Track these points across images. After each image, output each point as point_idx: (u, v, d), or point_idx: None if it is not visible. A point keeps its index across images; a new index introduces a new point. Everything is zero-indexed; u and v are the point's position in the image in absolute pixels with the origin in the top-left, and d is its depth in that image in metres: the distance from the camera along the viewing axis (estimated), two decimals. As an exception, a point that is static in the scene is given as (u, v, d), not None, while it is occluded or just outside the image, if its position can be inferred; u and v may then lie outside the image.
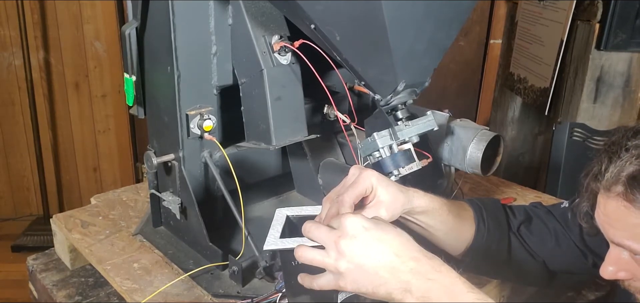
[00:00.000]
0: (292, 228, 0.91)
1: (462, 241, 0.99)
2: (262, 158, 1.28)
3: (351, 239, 0.75)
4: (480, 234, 0.99)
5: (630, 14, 1.90)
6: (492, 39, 3.15)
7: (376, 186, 0.86)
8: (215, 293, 1.04)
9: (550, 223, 1.05)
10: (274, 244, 0.86)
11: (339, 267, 0.75)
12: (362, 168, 0.88)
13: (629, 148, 0.77)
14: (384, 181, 0.87)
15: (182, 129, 1.10)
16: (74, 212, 1.33)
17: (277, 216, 0.93)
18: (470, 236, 0.99)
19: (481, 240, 0.99)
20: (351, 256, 0.75)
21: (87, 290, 1.16)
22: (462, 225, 0.98)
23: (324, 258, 0.76)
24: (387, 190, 0.86)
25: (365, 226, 0.76)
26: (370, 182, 0.86)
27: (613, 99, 2.02)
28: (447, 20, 0.94)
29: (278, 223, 0.91)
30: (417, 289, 0.73)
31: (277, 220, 0.92)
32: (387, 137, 0.96)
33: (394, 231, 0.77)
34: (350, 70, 0.97)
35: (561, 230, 1.04)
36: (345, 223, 0.76)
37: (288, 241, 0.86)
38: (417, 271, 0.74)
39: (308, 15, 0.88)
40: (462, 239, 0.99)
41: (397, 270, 0.74)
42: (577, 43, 2.05)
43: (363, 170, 0.87)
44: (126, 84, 1.15)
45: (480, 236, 0.99)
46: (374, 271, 0.74)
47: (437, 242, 0.97)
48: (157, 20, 1.07)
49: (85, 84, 3.17)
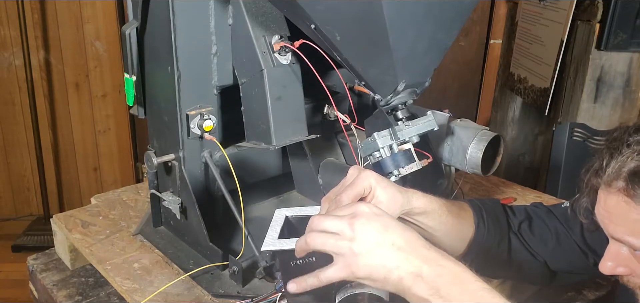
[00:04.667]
0: (291, 228, 0.91)
1: (462, 242, 0.99)
2: (262, 158, 1.28)
3: (367, 219, 0.75)
4: (480, 234, 0.99)
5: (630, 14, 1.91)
6: (493, 39, 3.14)
7: (374, 186, 0.86)
8: (215, 293, 1.04)
9: (551, 223, 1.05)
10: (272, 244, 0.85)
11: (354, 247, 0.74)
12: (361, 168, 0.88)
13: (630, 143, 0.77)
14: (382, 181, 0.87)
15: (182, 129, 1.10)
16: (74, 212, 1.33)
17: (276, 216, 0.93)
18: (470, 236, 0.99)
19: (481, 239, 0.99)
20: (367, 236, 0.74)
21: (87, 290, 1.16)
22: (462, 225, 0.98)
23: (337, 241, 0.75)
24: (386, 190, 0.86)
25: (377, 212, 0.76)
26: (369, 183, 0.85)
27: (613, 99, 2.02)
28: (448, 21, 0.94)
29: (277, 223, 0.91)
30: (427, 274, 0.73)
31: (276, 220, 0.92)
32: (387, 137, 0.96)
33: (400, 222, 0.78)
34: (350, 70, 0.97)
35: (562, 230, 1.04)
36: (359, 207, 0.77)
37: (286, 241, 0.85)
38: (428, 257, 0.74)
39: (308, 15, 0.88)
40: (462, 239, 0.99)
41: (410, 254, 0.74)
42: (577, 43, 2.05)
43: (362, 171, 0.87)
44: (126, 84, 1.15)
45: (480, 236, 0.99)
46: (389, 253, 0.73)
47: (437, 243, 0.96)
48: (158, 20, 1.07)
49: (86, 84, 3.17)
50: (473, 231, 0.99)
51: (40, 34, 3.02)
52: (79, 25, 3.06)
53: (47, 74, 3.10)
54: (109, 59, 3.14)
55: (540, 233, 1.04)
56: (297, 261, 0.83)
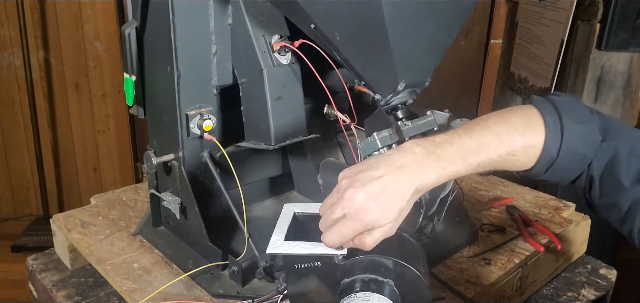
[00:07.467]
0: (299, 227, 0.88)
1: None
2: (262, 158, 1.28)
3: (351, 180, 0.75)
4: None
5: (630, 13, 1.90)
6: (493, 38, 3.14)
7: None
8: (215, 293, 1.04)
9: None
10: (277, 248, 0.81)
11: (357, 206, 0.73)
12: None
13: None
14: None
15: (182, 129, 1.10)
16: (73, 212, 1.33)
17: (284, 213, 0.89)
18: None
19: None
20: (360, 186, 0.74)
21: (87, 290, 1.16)
22: None
23: (346, 220, 0.74)
24: None
25: (354, 171, 0.77)
26: None
27: (614, 99, 2.02)
28: (448, 20, 0.94)
29: (284, 221, 0.87)
30: (436, 151, 0.75)
31: (283, 217, 0.88)
32: (387, 137, 0.95)
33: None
34: (350, 70, 0.96)
35: None
36: (339, 180, 0.77)
37: (293, 245, 0.81)
38: (422, 144, 0.76)
39: (308, 15, 0.88)
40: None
41: (410, 156, 0.75)
42: (577, 43, 2.05)
43: None
44: (126, 84, 1.15)
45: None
46: (387, 177, 0.74)
47: None
48: (157, 20, 1.07)
49: (85, 84, 3.17)
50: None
51: (40, 33, 3.02)
52: (78, 25, 3.06)
53: (46, 74, 3.10)
54: (108, 59, 3.14)
55: None
56: (302, 265, 0.81)
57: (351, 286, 0.78)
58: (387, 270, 0.78)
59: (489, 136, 0.78)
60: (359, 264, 0.79)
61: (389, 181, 0.74)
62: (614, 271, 1.30)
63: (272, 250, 0.81)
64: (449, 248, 1.18)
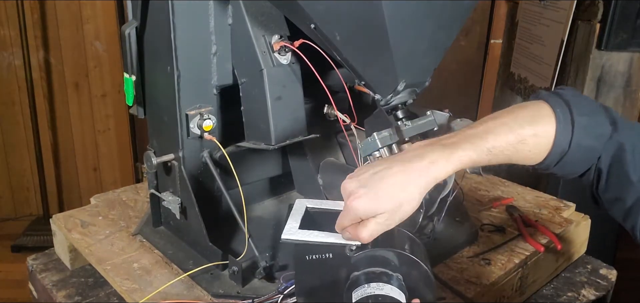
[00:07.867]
0: (310, 220, 0.88)
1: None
2: (262, 158, 1.28)
3: (357, 177, 0.76)
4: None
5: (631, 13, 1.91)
6: (493, 38, 3.14)
7: None
8: (215, 293, 1.04)
9: None
10: (293, 234, 0.82)
11: (347, 188, 0.75)
12: None
13: None
14: None
15: (182, 129, 1.10)
16: (73, 212, 1.33)
17: (297, 206, 0.90)
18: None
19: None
20: (355, 177, 0.76)
21: (87, 290, 1.16)
22: None
23: (357, 226, 0.76)
24: None
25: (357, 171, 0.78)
26: None
27: (614, 99, 2.02)
28: (448, 20, 0.94)
29: (297, 213, 0.87)
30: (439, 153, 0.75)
31: (296, 210, 0.89)
32: (387, 137, 0.95)
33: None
34: (350, 70, 0.96)
35: None
36: (344, 185, 0.78)
37: (307, 233, 0.82)
38: (425, 141, 0.77)
39: (308, 15, 0.88)
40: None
41: (411, 152, 0.76)
42: (577, 43, 2.05)
43: None
44: (126, 84, 1.15)
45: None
46: (396, 171, 0.74)
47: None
48: (157, 20, 1.07)
49: (85, 84, 3.17)
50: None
51: (40, 33, 3.02)
52: (78, 25, 3.06)
53: (46, 74, 3.10)
54: (108, 59, 3.14)
55: None
56: (312, 256, 0.81)
57: (363, 278, 0.79)
58: (396, 264, 0.78)
59: (495, 124, 0.78)
60: (370, 257, 0.79)
61: (386, 172, 0.74)
62: (614, 271, 1.30)
63: (287, 236, 0.81)
64: (449, 248, 1.18)
